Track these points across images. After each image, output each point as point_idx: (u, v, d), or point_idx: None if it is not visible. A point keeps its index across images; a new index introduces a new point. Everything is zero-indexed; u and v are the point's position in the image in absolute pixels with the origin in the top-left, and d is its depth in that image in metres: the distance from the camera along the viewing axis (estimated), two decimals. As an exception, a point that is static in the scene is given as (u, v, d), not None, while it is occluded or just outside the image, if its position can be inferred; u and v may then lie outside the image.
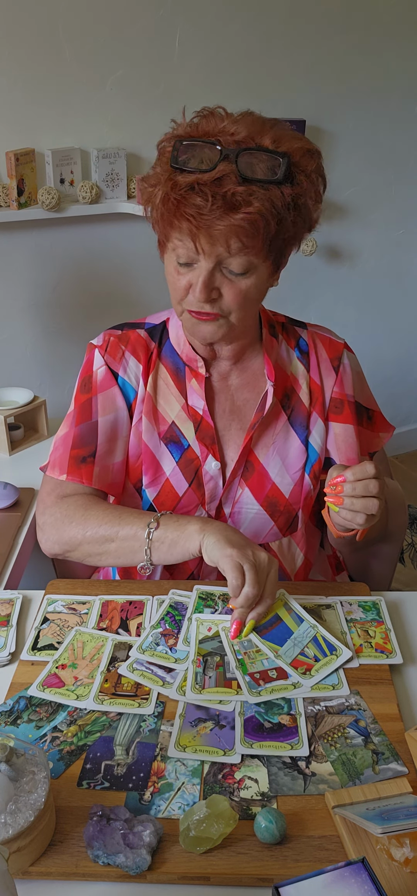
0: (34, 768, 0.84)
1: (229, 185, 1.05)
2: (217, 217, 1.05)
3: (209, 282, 1.11)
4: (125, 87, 2.45)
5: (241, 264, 1.11)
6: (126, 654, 1.09)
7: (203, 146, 1.09)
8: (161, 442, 1.28)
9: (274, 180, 1.07)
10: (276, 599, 1.16)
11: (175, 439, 1.28)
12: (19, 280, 2.55)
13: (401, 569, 2.52)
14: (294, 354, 1.31)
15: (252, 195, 1.06)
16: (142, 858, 0.80)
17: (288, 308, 1.45)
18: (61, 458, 1.29)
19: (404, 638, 1.14)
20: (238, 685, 1.02)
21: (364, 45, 2.79)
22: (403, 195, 3.09)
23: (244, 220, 1.06)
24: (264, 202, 1.07)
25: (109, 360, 1.29)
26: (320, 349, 1.32)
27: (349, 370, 1.33)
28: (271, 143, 1.10)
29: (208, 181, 1.05)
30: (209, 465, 1.27)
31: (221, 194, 1.05)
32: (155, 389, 1.29)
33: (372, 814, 0.81)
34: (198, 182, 1.06)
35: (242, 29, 2.58)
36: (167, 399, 1.29)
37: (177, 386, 1.29)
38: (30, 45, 2.31)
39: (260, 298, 1.20)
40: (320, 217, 1.20)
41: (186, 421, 1.28)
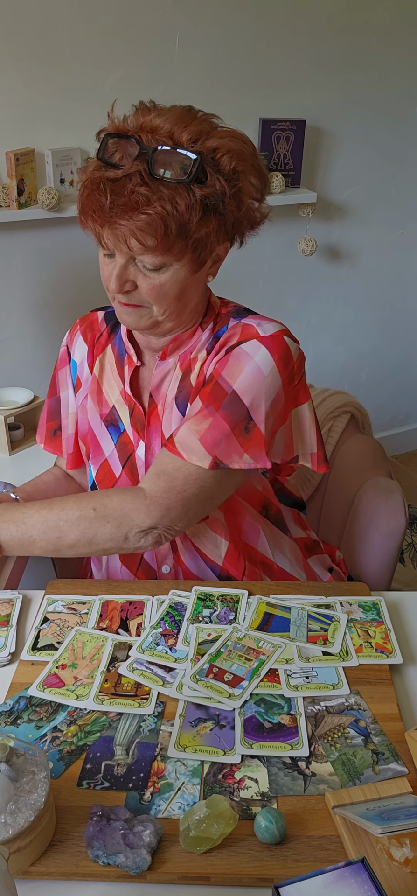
0: (34, 768, 0.84)
1: (132, 184, 1.07)
2: (116, 215, 1.08)
3: (122, 275, 1.14)
4: (125, 87, 2.45)
5: (151, 262, 1.12)
6: (126, 654, 1.09)
7: (126, 142, 1.10)
8: (102, 423, 1.33)
9: (181, 180, 1.07)
10: (257, 603, 1.17)
11: (114, 422, 1.32)
12: (19, 280, 2.56)
13: (401, 569, 2.52)
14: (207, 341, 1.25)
15: (154, 195, 1.07)
16: (142, 858, 0.80)
17: (288, 308, 1.45)
18: (41, 428, 1.46)
19: (404, 638, 1.15)
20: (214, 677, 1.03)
21: (364, 46, 2.79)
22: (403, 195, 3.09)
23: (142, 220, 1.07)
24: (165, 203, 1.07)
25: (68, 341, 1.40)
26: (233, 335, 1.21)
27: (243, 359, 1.16)
28: (188, 141, 1.10)
29: (114, 179, 1.08)
30: (141, 450, 1.30)
31: (122, 194, 1.07)
32: (101, 371, 1.34)
33: (372, 814, 0.81)
34: (103, 179, 1.08)
35: (242, 29, 2.58)
36: (110, 383, 1.33)
37: (119, 371, 1.32)
38: (30, 46, 2.31)
39: (187, 292, 1.17)
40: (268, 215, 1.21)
41: (123, 406, 1.31)
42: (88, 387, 1.35)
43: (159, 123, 1.11)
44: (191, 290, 1.19)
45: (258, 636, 1.12)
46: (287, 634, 1.12)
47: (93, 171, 1.12)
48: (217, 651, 1.09)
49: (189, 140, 1.10)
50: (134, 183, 1.07)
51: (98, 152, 1.12)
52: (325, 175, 2.93)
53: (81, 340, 1.37)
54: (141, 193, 1.07)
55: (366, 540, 1.55)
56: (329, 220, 2.99)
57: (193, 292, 1.20)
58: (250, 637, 1.11)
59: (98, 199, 1.09)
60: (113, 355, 1.34)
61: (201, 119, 1.14)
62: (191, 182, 1.08)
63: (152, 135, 1.10)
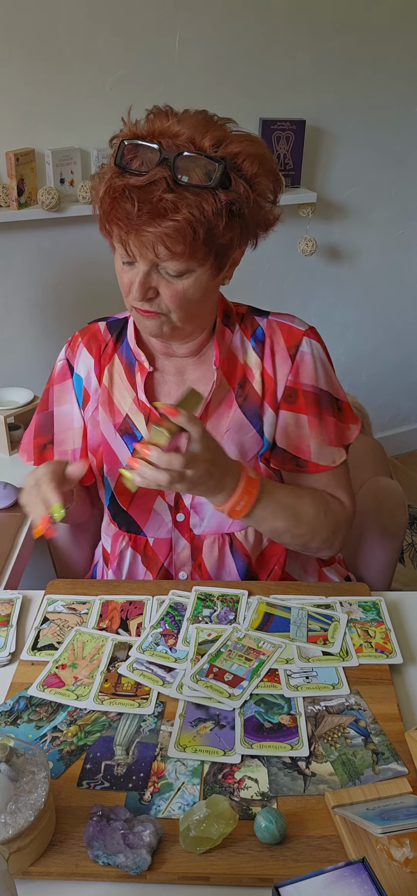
0: (34, 768, 0.84)
1: (158, 191, 1.06)
2: (144, 223, 1.06)
3: (145, 282, 1.12)
4: (125, 87, 2.45)
5: (176, 268, 1.11)
6: (126, 654, 1.09)
7: (145, 148, 1.09)
8: (116, 433, 1.31)
9: (206, 186, 1.07)
10: (257, 604, 1.18)
11: (129, 431, 1.30)
12: (19, 280, 2.55)
13: (401, 569, 2.52)
14: (249, 344, 1.29)
15: (181, 201, 1.06)
16: (142, 858, 0.80)
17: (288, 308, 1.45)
18: (27, 445, 1.40)
19: (404, 638, 1.15)
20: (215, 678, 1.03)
21: (364, 46, 2.79)
22: (403, 195, 3.09)
23: (170, 227, 1.06)
24: (192, 209, 1.06)
25: (69, 355, 1.37)
26: (277, 337, 1.29)
27: (308, 359, 1.27)
28: (210, 146, 1.09)
29: (139, 186, 1.06)
30: None
31: (149, 201, 1.05)
32: (110, 382, 1.32)
33: (372, 814, 0.81)
34: (128, 187, 1.07)
35: (242, 29, 2.58)
36: (121, 392, 1.31)
37: (129, 379, 1.31)
38: (30, 45, 2.31)
39: (206, 297, 1.18)
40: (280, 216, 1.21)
41: (138, 413, 1.30)
42: (98, 398, 1.32)
43: (179, 129, 1.10)
44: (211, 294, 1.20)
45: (258, 636, 1.12)
46: (287, 634, 1.12)
47: (113, 177, 1.10)
48: (217, 651, 1.09)
49: (211, 145, 1.09)
50: (160, 189, 1.05)
51: (115, 158, 1.10)
52: (325, 175, 2.93)
53: (86, 353, 1.34)
54: (168, 200, 1.05)
55: (366, 540, 1.55)
56: (329, 221, 2.99)
57: (212, 296, 1.21)
58: (250, 637, 1.11)
59: (124, 206, 1.07)
60: (121, 364, 1.32)
61: (219, 124, 1.14)
62: (216, 187, 1.07)
63: (172, 140, 1.09)
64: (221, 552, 1.30)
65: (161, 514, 1.30)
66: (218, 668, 1.06)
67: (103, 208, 1.11)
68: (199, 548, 1.30)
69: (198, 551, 1.31)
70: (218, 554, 1.30)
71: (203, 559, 1.31)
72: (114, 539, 1.35)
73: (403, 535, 1.55)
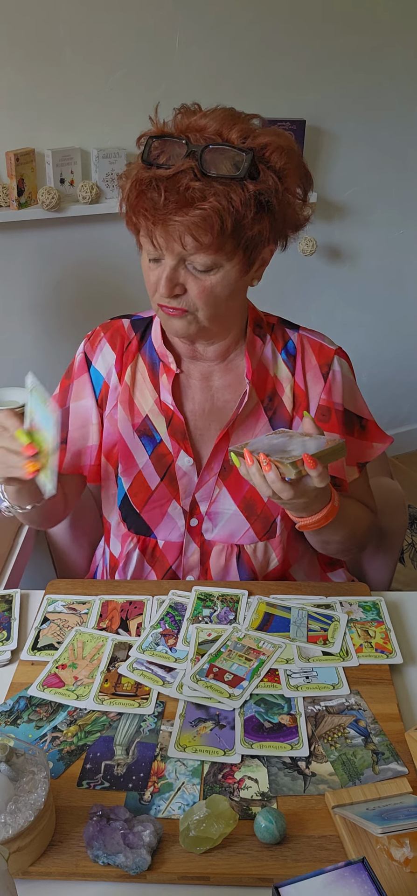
0: (34, 768, 0.84)
1: (186, 180, 1.05)
2: (171, 212, 1.05)
3: (172, 277, 1.10)
4: (125, 87, 2.45)
5: (203, 262, 1.09)
6: (126, 654, 1.09)
7: (173, 143, 1.09)
8: (135, 434, 1.29)
9: (234, 176, 1.06)
10: (257, 604, 1.17)
11: (148, 433, 1.29)
12: (19, 280, 2.55)
13: (401, 569, 2.52)
14: (280, 357, 1.28)
15: (208, 190, 1.05)
16: (142, 858, 0.80)
17: (288, 308, 1.45)
18: None
19: (404, 638, 1.15)
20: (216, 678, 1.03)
21: (364, 45, 2.79)
22: (403, 195, 3.09)
23: (197, 216, 1.05)
24: (220, 199, 1.05)
25: (87, 349, 1.33)
26: (308, 354, 1.29)
27: (339, 378, 1.28)
28: (238, 138, 1.09)
29: (167, 177, 1.06)
30: (182, 460, 1.27)
31: (176, 190, 1.05)
32: (133, 381, 1.30)
33: (372, 814, 0.81)
34: (155, 178, 1.06)
35: (242, 29, 2.58)
36: (142, 392, 1.30)
37: (152, 380, 1.29)
38: (30, 45, 2.31)
39: (234, 296, 1.17)
40: (309, 217, 1.19)
41: (159, 415, 1.28)
42: (118, 396, 1.30)
43: (206, 123, 1.10)
44: (239, 294, 1.19)
45: (258, 636, 1.12)
46: (287, 634, 1.12)
47: (139, 171, 1.09)
48: (217, 651, 1.09)
49: (238, 137, 1.09)
50: (187, 179, 1.05)
51: (142, 155, 1.10)
52: (325, 175, 2.92)
53: (108, 348, 1.31)
54: (195, 188, 1.04)
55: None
56: (329, 221, 2.99)
57: (240, 296, 1.20)
58: (250, 637, 1.11)
59: (150, 196, 1.06)
60: (144, 364, 1.30)
61: (246, 118, 1.14)
62: (243, 178, 1.07)
63: (199, 134, 1.09)
64: (228, 561, 1.30)
65: (174, 519, 1.29)
66: (219, 668, 1.06)
67: (129, 202, 1.10)
68: (208, 552, 1.30)
69: (206, 556, 1.30)
70: (224, 563, 1.30)
71: (210, 564, 1.31)
72: (123, 540, 1.34)
73: (403, 535, 1.55)
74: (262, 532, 1.28)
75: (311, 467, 1.00)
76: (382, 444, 1.34)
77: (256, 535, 1.28)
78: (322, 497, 1.09)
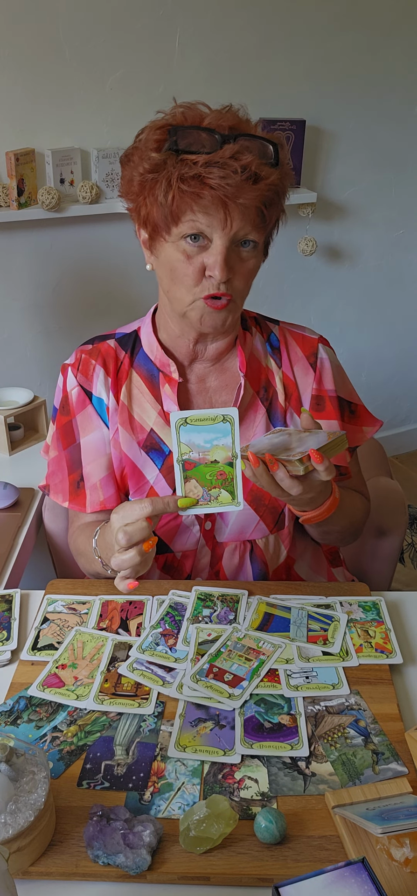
0: (34, 768, 0.84)
1: (243, 159, 1.07)
2: (244, 188, 1.07)
3: (229, 258, 1.11)
4: (125, 87, 2.45)
5: (255, 238, 1.12)
6: (126, 654, 1.09)
7: (199, 133, 1.09)
8: (141, 451, 1.27)
9: (271, 162, 1.10)
10: (257, 604, 1.17)
11: (155, 446, 1.27)
12: (19, 280, 2.55)
13: (401, 569, 2.52)
14: (266, 348, 1.30)
15: (263, 170, 1.08)
16: (142, 858, 0.80)
17: (289, 308, 1.45)
18: (62, 485, 1.31)
19: (404, 638, 1.15)
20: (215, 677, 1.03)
21: (364, 45, 2.79)
22: (403, 195, 3.09)
23: (269, 189, 1.09)
24: (274, 177, 1.10)
25: (82, 380, 1.29)
26: (292, 346, 1.30)
27: (328, 364, 1.30)
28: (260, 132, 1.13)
29: (227, 157, 1.06)
30: None
31: (242, 167, 1.06)
32: (129, 398, 1.28)
33: (372, 814, 0.81)
34: (211, 161, 1.06)
35: (242, 29, 2.58)
36: (143, 407, 1.28)
37: (152, 392, 1.27)
38: (30, 45, 2.31)
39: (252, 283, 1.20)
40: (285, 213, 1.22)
41: (164, 427, 1.27)
42: (118, 418, 1.28)
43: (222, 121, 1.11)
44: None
45: (258, 636, 1.12)
46: (287, 634, 1.12)
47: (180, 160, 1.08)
48: (217, 651, 1.09)
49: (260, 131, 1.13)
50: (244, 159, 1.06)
51: (171, 145, 1.08)
52: (325, 175, 2.93)
53: (103, 374, 1.28)
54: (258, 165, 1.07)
55: (366, 540, 1.55)
56: (329, 220, 2.99)
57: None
58: (250, 637, 1.11)
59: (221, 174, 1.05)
60: (140, 378, 1.28)
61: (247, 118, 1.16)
62: (276, 165, 1.11)
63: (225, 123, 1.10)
64: (242, 558, 1.30)
65: (188, 526, 1.28)
66: (218, 668, 1.06)
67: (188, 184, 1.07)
68: (219, 555, 1.30)
69: (217, 559, 1.30)
70: (238, 560, 1.30)
71: (222, 566, 1.30)
72: None
73: (403, 535, 1.55)
74: (272, 524, 1.29)
75: (319, 462, 1.00)
76: (372, 428, 1.36)
77: (266, 527, 1.29)
78: (325, 490, 1.09)
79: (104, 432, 1.29)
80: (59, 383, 1.32)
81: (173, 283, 1.15)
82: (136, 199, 1.16)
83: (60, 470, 1.32)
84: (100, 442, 1.29)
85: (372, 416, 1.36)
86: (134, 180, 1.14)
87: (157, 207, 1.11)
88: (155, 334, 1.27)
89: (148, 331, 1.29)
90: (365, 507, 1.35)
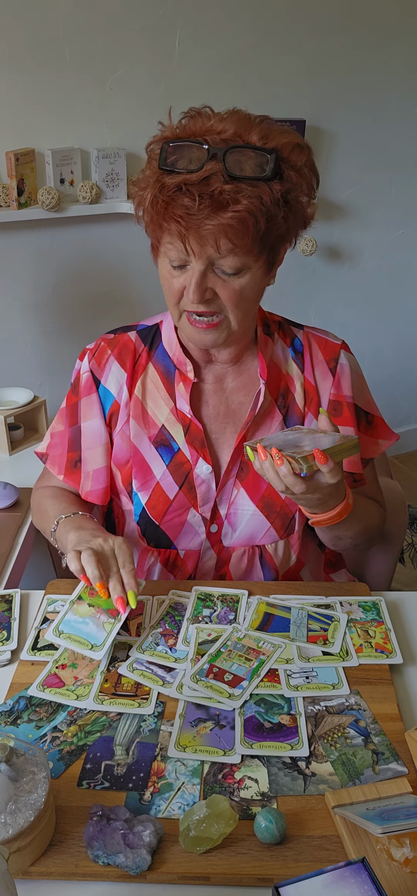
0: (34, 768, 0.84)
1: (217, 183, 1.04)
2: (205, 217, 1.04)
3: (201, 283, 1.10)
4: (125, 87, 2.45)
5: (233, 265, 1.09)
6: (126, 654, 1.09)
7: (190, 146, 1.08)
8: (151, 445, 1.28)
9: (262, 177, 1.07)
10: (257, 604, 1.17)
11: (165, 443, 1.27)
12: (19, 280, 2.56)
13: (401, 569, 2.52)
14: (289, 354, 1.29)
15: (240, 193, 1.05)
16: (142, 858, 0.80)
17: (288, 308, 1.45)
18: (60, 458, 1.34)
19: (404, 638, 1.15)
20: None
21: (364, 45, 2.79)
22: (403, 195, 3.09)
23: (233, 218, 1.05)
24: (252, 199, 1.05)
25: (94, 367, 1.30)
26: (315, 350, 1.30)
27: (347, 371, 1.30)
28: (258, 140, 1.09)
29: (195, 181, 1.05)
30: (200, 468, 1.26)
31: (208, 193, 1.04)
32: (144, 392, 1.28)
33: (372, 814, 0.81)
34: (185, 182, 1.05)
35: (242, 29, 2.58)
36: (156, 402, 1.28)
37: (167, 388, 1.27)
38: (30, 46, 2.31)
39: (258, 298, 1.19)
40: (315, 213, 1.20)
41: (176, 424, 1.27)
42: (129, 411, 1.28)
43: (223, 127, 1.09)
44: (260, 294, 1.20)
45: (258, 636, 1.12)
46: (287, 634, 1.12)
47: (161, 178, 1.08)
48: (217, 651, 1.09)
49: (259, 139, 1.09)
50: (218, 182, 1.04)
51: (160, 162, 1.08)
52: (325, 175, 2.92)
53: (117, 366, 1.28)
54: (227, 191, 1.04)
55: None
56: (329, 220, 2.99)
57: (261, 297, 1.21)
58: (250, 637, 1.11)
59: (181, 202, 1.05)
60: (156, 373, 1.28)
61: (260, 118, 1.14)
62: (270, 178, 1.07)
63: (218, 136, 1.09)
64: (250, 563, 1.30)
65: (194, 527, 1.28)
66: (218, 668, 1.06)
67: (156, 209, 1.08)
68: (225, 559, 1.30)
69: (223, 562, 1.30)
70: (246, 565, 1.30)
71: (229, 570, 1.30)
72: (142, 556, 1.32)
73: (403, 535, 1.55)
74: (282, 529, 1.29)
75: (322, 462, 1.01)
76: (387, 441, 1.35)
77: (277, 532, 1.28)
78: (336, 494, 1.09)
79: (100, 423, 1.30)
80: (77, 365, 1.34)
81: (166, 296, 1.18)
82: (137, 209, 1.17)
83: (61, 444, 1.34)
84: (96, 432, 1.30)
85: (389, 430, 1.36)
86: (134, 193, 1.17)
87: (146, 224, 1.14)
88: (176, 331, 1.27)
89: (169, 326, 1.29)
90: (381, 516, 1.34)
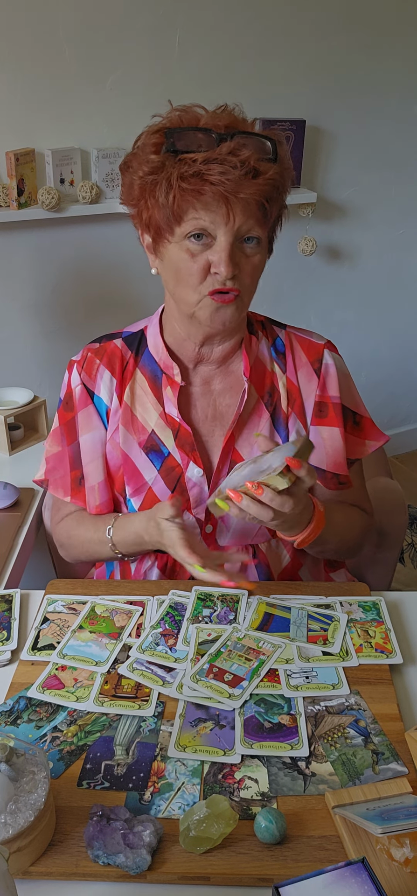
0: (34, 768, 0.84)
1: (245, 152, 1.07)
2: (243, 183, 1.07)
3: (232, 254, 1.11)
4: (125, 86, 2.45)
5: (259, 234, 1.13)
6: (126, 655, 1.09)
7: (195, 133, 1.09)
8: (141, 451, 1.27)
9: (270, 158, 1.11)
10: (257, 604, 1.18)
11: (155, 448, 1.27)
12: (19, 280, 2.55)
13: (401, 569, 2.52)
14: (272, 353, 1.29)
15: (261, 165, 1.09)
16: (142, 858, 0.80)
17: (288, 308, 1.45)
18: (63, 480, 1.33)
19: (404, 638, 1.15)
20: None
21: (363, 45, 2.79)
22: (402, 195, 3.09)
23: (266, 184, 1.09)
24: (275, 171, 1.11)
25: (85, 378, 1.30)
26: (298, 351, 1.29)
27: (333, 371, 1.29)
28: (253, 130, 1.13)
29: (226, 154, 1.07)
30: (191, 471, 1.26)
31: (241, 162, 1.07)
32: (132, 398, 1.28)
33: (372, 814, 0.81)
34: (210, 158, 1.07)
35: (242, 29, 2.58)
36: (145, 407, 1.28)
37: (155, 393, 1.27)
38: (30, 45, 2.31)
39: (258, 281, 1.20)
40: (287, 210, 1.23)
41: (165, 429, 1.26)
42: (119, 418, 1.28)
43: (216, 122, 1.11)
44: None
45: (258, 636, 1.12)
46: (287, 634, 1.12)
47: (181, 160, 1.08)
48: (217, 651, 1.09)
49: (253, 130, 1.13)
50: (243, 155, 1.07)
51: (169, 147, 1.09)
52: (325, 175, 2.93)
53: (108, 374, 1.29)
54: (254, 160, 1.08)
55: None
56: (329, 220, 2.99)
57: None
58: (250, 637, 1.12)
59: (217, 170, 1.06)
60: (144, 377, 1.28)
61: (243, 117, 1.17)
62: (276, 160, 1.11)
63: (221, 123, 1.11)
64: (244, 562, 1.29)
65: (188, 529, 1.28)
66: (218, 668, 1.06)
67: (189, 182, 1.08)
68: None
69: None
70: (240, 564, 1.29)
71: (224, 569, 1.29)
72: (139, 561, 1.32)
73: (403, 535, 1.55)
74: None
75: (297, 468, 1.02)
76: (375, 443, 1.34)
77: (268, 531, 1.28)
78: (308, 505, 1.12)
79: (101, 433, 1.29)
80: (65, 379, 1.33)
81: (178, 284, 1.16)
82: (138, 203, 1.16)
83: (62, 465, 1.33)
84: (97, 443, 1.30)
85: (378, 431, 1.35)
86: (134, 185, 1.15)
87: (159, 209, 1.12)
88: (161, 335, 1.27)
89: (154, 331, 1.29)
90: (364, 522, 1.34)
